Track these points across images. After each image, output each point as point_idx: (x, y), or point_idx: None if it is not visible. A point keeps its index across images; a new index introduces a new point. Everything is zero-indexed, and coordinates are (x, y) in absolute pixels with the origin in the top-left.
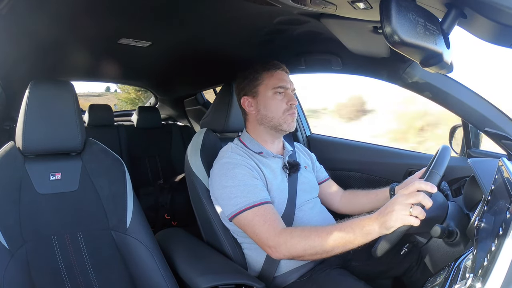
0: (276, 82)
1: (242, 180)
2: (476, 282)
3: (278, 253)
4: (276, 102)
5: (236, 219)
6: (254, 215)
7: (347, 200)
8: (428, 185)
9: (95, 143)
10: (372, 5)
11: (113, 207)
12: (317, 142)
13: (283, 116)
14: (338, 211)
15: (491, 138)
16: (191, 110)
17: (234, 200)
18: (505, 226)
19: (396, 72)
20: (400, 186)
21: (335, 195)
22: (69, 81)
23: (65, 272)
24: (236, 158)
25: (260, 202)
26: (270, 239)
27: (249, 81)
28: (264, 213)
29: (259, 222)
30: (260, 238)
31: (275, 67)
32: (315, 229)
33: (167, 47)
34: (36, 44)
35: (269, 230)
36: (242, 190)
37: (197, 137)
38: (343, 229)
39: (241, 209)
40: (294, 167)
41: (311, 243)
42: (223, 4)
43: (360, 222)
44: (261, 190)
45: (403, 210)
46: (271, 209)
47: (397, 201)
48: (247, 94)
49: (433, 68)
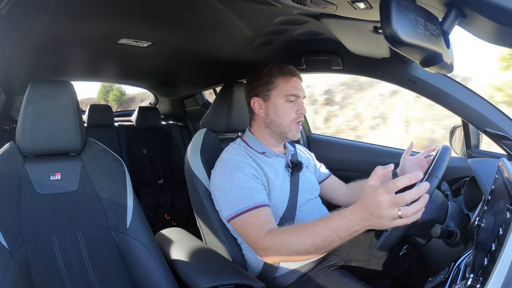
0: (290, 90)
1: (239, 183)
2: (476, 283)
3: (268, 257)
4: (286, 109)
5: (232, 222)
6: (247, 218)
7: (352, 192)
8: (405, 180)
9: (95, 143)
10: (372, 5)
11: (113, 207)
12: (317, 143)
13: (289, 125)
14: (345, 204)
15: (491, 138)
16: (191, 110)
17: (231, 204)
18: (505, 226)
19: (396, 72)
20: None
21: (340, 189)
22: (69, 81)
23: (65, 272)
24: (237, 159)
25: (254, 206)
26: (258, 242)
27: (263, 83)
28: (256, 216)
29: (250, 225)
30: (251, 241)
31: (291, 74)
32: (297, 230)
33: (167, 47)
34: (36, 44)
35: (257, 234)
36: (238, 193)
37: (197, 137)
38: (325, 231)
39: (236, 213)
40: (297, 166)
41: (293, 247)
42: (223, 4)
43: (343, 223)
44: (259, 192)
45: (390, 219)
46: (265, 212)
47: (382, 209)
48: (258, 96)
49: (433, 68)
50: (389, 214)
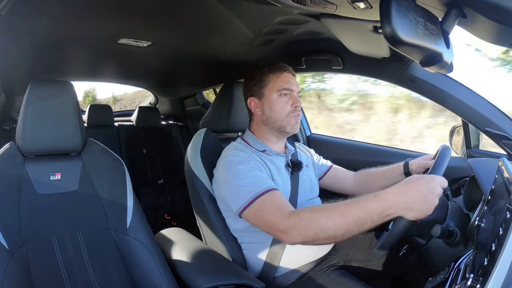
0: (282, 84)
1: (246, 173)
2: (476, 283)
3: (291, 237)
4: (281, 104)
5: (246, 212)
6: (262, 202)
7: (359, 181)
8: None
9: (95, 143)
10: (372, 5)
11: (113, 207)
12: (317, 142)
13: (287, 118)
14: (353, 193)
15: (491, 138)
16: (191, 110)
17: (242, 193)
18: (505, 226)
19: (396, 72)
20: (413, 162)
21: (347, 178)
22: (69, 81)
23: (65, 272)
24: (240, 156)
25: (267, 190)
26: (279, 223)
27: (255, 83)
28: (272, 198)
29: (267, 208)
30: (270, 224)
31: (281, 69)
32: (326, 209)
33: (167, 47)
34: (36, 44)
35: (277, 214)
36: (247, 182)
37: (197, 137)
38: (359, 212)
39: (249, 200)
40: (297, 165)
41: (322, 226)
42: (223, 4)
43: (381, 203)
44: (267, 179)
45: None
46: (279, 194)
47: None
48: (253, 95)
49: (433, 68)
50: (436, 200)
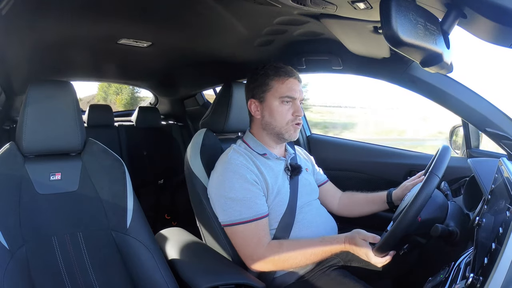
0: (285, 91)
1: (239, 190)
2: (477, 282)
3: (259, 266)
4: (281, 111)
5: (227, 228)
6: (245, 230)
7: (345, 204)
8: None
9: (95, 143)
10: (372, 5)
11: (113, 207)
12: (317, 143)
13: (286, 126)
14: (337, 213)
15: (491, 138)
16: (191, 110)
17: (229, 210)
18: (505, 226)
19: (396, 72)
20: (396, 191)
21: (334, 198)
22: (69, 81)
23: (65, 272)
24: (238, 160)
25: (253, 218)
26: (255, 254)
27: (258, 85)
28: (256, 228)
29: (248, 237)
30: (245, 251)
31: (287, 75)
32: (300, 247)
33: (167, 47)
34: (36, 44)
35: (257, 246)
36: (237, 204)
37: (197, 137)
38: (325, 253)
39: (233, 222)
40: (296, 169)
41: (298, 262)
42: (223, 4)
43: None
44: (258, 201)
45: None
46: (263, 223)
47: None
48: (254, 98)
49: (433, 68)
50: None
